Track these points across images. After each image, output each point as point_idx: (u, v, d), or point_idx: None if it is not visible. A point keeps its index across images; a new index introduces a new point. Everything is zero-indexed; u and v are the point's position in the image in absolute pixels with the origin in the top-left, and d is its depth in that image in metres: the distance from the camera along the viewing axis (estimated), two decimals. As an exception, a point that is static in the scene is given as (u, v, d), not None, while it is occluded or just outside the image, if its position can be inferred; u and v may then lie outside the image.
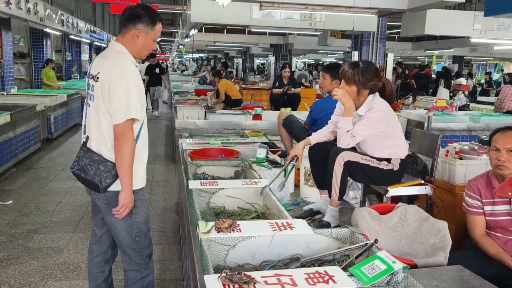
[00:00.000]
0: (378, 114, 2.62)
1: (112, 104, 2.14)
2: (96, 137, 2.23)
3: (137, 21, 2.23)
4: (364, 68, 2.66)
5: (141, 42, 2.26)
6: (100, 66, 2.22)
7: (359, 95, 2.69)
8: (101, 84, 2.17)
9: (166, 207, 4.86)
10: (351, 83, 2.66)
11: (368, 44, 9.77)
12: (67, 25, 11.71)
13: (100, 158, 2.19)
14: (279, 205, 2.49)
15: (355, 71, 2.65)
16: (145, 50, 2.31)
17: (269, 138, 4.90)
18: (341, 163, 2.56)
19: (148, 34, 2.26)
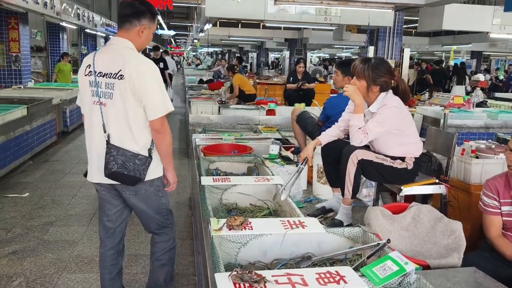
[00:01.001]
0: (390, 110, 2.59)
1: (150, 100, 2.24)
2: (119, 134, 2.29)
3: (142, 17, 2.31)
4: (376, 64, 2.63)
5: (145, 36, 2.36)
6: (117, 63, 2.24)
7: (368, 91, 2.66)
8: (130, 82, 2.22)
9: (179, 202, 4.88)
10: (361, 78, 2.64)
11: (384, 39, 9.65)
12: (83, 19, 11.80)
13: (132, 153, 2.28)
14: (291, 203, 2.48)
15: (366, 66, 2.62)
16: (146, 43, 2.42)
17: (282, 134, 4.88)
18: (355, 161, 2.53)
19: (151, 28, 2.37)
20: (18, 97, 7.02)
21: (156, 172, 2.44)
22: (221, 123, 6.74)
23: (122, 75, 2.22)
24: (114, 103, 2.27)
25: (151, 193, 2.47)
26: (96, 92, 2.31)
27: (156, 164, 2.42)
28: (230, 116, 6.90)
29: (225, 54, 30.24)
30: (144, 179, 2.35)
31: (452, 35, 14.30)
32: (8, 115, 5.44)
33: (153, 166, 2.38)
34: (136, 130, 2.29)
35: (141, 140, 2.32)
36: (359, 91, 2.67)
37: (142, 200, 2.46)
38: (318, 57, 28.37)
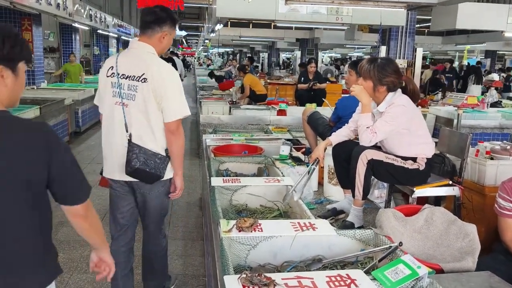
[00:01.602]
0: (398, 109, 2.56)
1: (169, 103, 2.36)
2: (140, 133, 2.40)
3: (163, 24, 2.44)
4: (382, 64, 2.61)
5: (166, 42, 2.48)
6: (140, 67, 2.37)
7: (375, 91, 2.63)
8: (152, 85, 2.34)
9: (190, 202, 4.88)
10: (367, 78, 2.62)
11: (396, 39, 9.55)
12: (95, 20, 11.88)
13: (152, 152, 2.40)
14: (302, 204, 2.46)
15: (371, 67, 2.61)
16: (166, 48, 2.54)
17: (293, 134, 4.86)
18: (364, 161, 2.50)
19: (171, 35, 2.49)
20: (31, 97, 7.09)
21: (168, 174, 2.52)
22: (231, 124, 6.73)
23: (145, 78, 2.34)
24: (136, 104, 2.38)
25: (162, 193, 2.56)
26: (119, 93, 2.41)
27: (170, 165, 2.52)
28: (241, 116, 6.89)
29: (236, 55, 30.27)
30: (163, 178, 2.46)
31: (465, 34, 14.11)
32: (21, 115, 5.50)
33: (169, 166, 2.50)
34: (157, 131, 2.41)
35: (161, 141, 2.44)
36: (366, 91, 2.65)
37: (153, 198, 2.54)
38: (330, 57, 28.24)
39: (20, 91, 1.46)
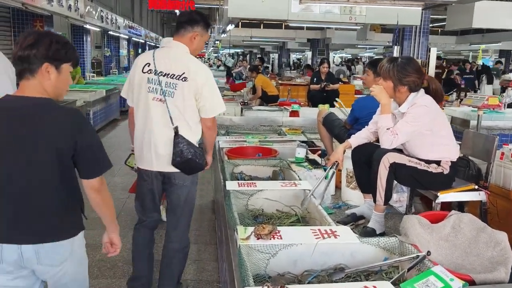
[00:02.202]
0: (421, 109, 2.46)
1: (208, 101, 2.54)
2: (181, 128, 2.54)
3: (195, 25, 2.57)
4: (402, 63, 2.51)
5: (197, 43, 2.59)
6: (180, 67, 2.50)
7: (395, 91, 2.54)
8: (192, 84, 2.50)
9: (202, 205, 4.80)
10: (387, 78, 2.53)
11: (410, 38, 9.40)
12: (106, 21, 11.89)
13: (195, 145, 2.58)
14: (321, 210, 2.36)
15: (391, 66, 2.51)
16: (197, 50, 2.64)
17: (307, 136, 4.76)
18: (386, 165, 2.40)
19: (203, 37, 2.61)
20: (42, 99, 7.05)
21: None
22: (243, 125, 6.65)
23: (186, 77, 2.49)
24: (175, 101, 2.52)
25: (195, 183, 2.75)
26: (155, 89, 2.54)
27: None
28: (253, 117, 6.80)
29: (246, 55, 30.21)
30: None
31: (480, 34, 13.89)
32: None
33: None
34: (192, 125, 2.57)
35: (196, 135, 2.62)
36: (386, 91, 2.55)
37: (188, 189, 2.71)
38: (341, 57, 28.06)
39: (63, 87, 1.78)
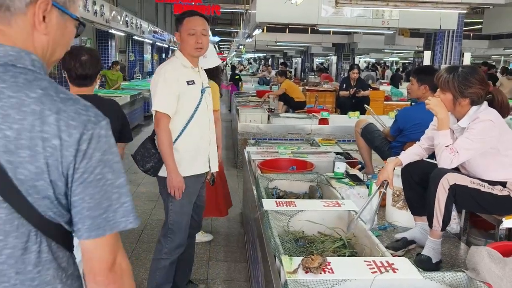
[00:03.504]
0: (484, 124, 2.19)
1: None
2: None
3: (176, 28, 2.54)
4: (465, 73, 2.25)
5: (181, 40, 2.49)
6: None
7: (455, 104, 2.27)
8: None
9: (230, 218, 4.58)
10: (446, 90, 2.27)
11: (442, 43, 9.05)
12: (131, 26, 11.86)
13: (149, 146, 2.54)
14: (372, 236, 2.12)
15: (451, 76, 2.25)
16: (188, 46, 2.46)
17: (342, 146, 4.51)
18: (446, 187, 2.14)
19: (182, 32, 2.48)
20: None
21: None
22: (271, 132, 6.46)
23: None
24: None
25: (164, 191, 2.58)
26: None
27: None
28: (281, 125, 6.61)
29: (268, 60, 30.04)
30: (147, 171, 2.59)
31: (515, 37, 13.37)
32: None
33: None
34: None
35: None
36: (443, 104, 2.30)
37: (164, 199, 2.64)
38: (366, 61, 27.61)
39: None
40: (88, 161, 0.85)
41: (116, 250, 0.92)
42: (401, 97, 10.57)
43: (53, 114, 0.83)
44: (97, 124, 0.86)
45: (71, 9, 0.97)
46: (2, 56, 0.85)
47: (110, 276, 0.91)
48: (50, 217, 0.86)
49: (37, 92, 0.84)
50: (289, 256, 1.86)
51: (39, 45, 0.91)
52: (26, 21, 0.88)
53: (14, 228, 0.84)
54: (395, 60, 29.17)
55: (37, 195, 0.84)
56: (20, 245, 0.84)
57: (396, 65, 28.42)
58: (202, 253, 3.70)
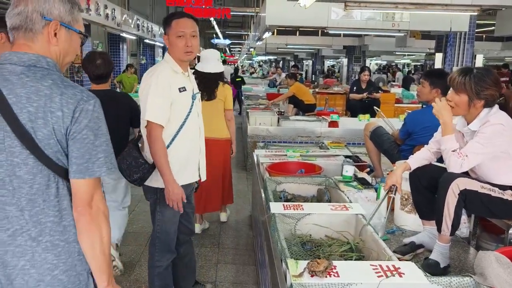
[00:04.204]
0: (495, 128, 2.17)
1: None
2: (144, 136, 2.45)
3: (164, 30, 2.45)
4: (480, 74, 2.23)
5: (169, 44, 2.40)
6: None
7: (470, 106, 2.25)
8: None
9: (239, 220, 4.60)
10: (461, 92, 2.23)
11: (454, 45, 8.98)
12: (142, 30, 11.97)
13: (136, 155, 2.40)
14: (379, 240, 2.12)
15: (467, 78, 2.22)
16: (177, 49, 2.37)
17: (351, 149, 4.49)
18: (456, 192, 2.13)
19: (170, 35, 2.38)
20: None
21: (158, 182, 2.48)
22: (280, 135, 6.45)
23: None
24: None
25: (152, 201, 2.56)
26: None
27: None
28: (290, 128, 6.60)
29: (279, 62, 30.03)
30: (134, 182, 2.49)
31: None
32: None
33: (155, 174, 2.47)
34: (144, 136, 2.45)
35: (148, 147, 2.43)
36: (449, 108, 2.27)
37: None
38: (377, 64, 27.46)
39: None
40: (78, 125, 1.26)
41: (93, 191, 1.31)
42: (412, 100, 10.50)
43: (58, 95, 1.26)
44: (87, 102, 1.28)
45: (75, 26, 1.38)
46: (27, 60, 1.29)
47: (87, 209, 1.30)
48: (60, 164, 1.28)
49: (48, 82, 1.27)
50: (295, 259, 1.86)
51: (53, 53, 1.35)
52: (43, 38, 1.32)
53: (39, 171, 1.27)
54: (406, 63, 28.94)
55: (51, 149, 1.26)
56: (44, 182, 1.28)
57: (408, 67, 28.23)
58: (211, 256, 3.71)
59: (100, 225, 1.31)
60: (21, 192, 1.26)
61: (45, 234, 1.28)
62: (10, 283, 1.28)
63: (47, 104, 1.24)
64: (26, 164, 1.25)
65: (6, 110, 1.23)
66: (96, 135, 1.28)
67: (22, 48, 1.31)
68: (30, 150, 1.24)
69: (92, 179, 1.29)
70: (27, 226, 1.27)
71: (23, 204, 1.26)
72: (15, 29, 1.31)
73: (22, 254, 1.28)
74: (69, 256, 1.32)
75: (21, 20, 1.29)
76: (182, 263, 2.74)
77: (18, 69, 1.27)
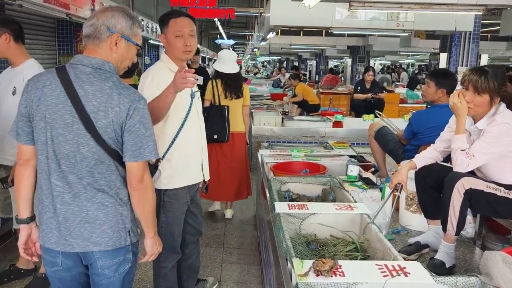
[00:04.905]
0: (501, 127, 2.16)
1: None
2: None
3: (161, 30, 2.43)
4: (494, 72, 2.20)
5: (167, 44, 2.38)
6: None
7: (491, 105, 2.23)
8: None
9: (243, 220, 4.61)
10: (484, 92, 2.18)
11: (459, 45, 8.94)
12: (147, 30, 11.98)
13: None
14: (384, 240, 2.11)
15: (488, 77, 2.17)
16: (176, 49, 2.35)
17: (355, 150, 4.48)
18: (461, 191, 2.12)
19: (167, 34, 2.36)
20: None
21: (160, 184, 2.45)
22: (285, 135, 6.45)
23: None
24: None
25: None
26: None
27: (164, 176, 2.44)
28: (295, 128, 6.59)
29: (282, 63, 30.03)
30: None
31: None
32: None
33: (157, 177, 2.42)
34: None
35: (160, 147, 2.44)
36: (480, 107, 2.22)
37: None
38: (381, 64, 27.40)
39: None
40: (131, 120, 1.61)
41: (143, 171, 1.68)
42: (416, 100, 10.47)
43: (116, 94, 1.60)
44: (139, 102, 1.63)
45: (133, 39, 1.74)
46: (95, 63, 1.65)
47: (140, 185, 1.68)
48: (114, 148, 1.64)
49: (110, 83, 1.62)
50: (301, 259, 1.86)
51: (113, 58, 1.70)
52: (107, 45, 1.68)
53: (97, 151, 1.62)
54: (411, 63, 28.86)
55: (107, 136, 1.62)
56: (99, 159, 1.64)
57: (412, 67, 28.15)
58: (215, 255, 3.72)
59: (149, 196, 1.72)
60: (82, 164, 1.63)
61: (97, 197, 1.66)
62: (69, 233, 1.66)
63: (108, 101, 1.59)
64: (88, 144, 1.61)
65: (76, 101, 1.59)
66: (146, 128, 1.64)
67: (91, 52, 1.67)
68: (91, 134, 1.60)
69: (143, 162, 1.66)
70: (84, 190, 1.64)
71: (83, 174, 1.63)
72: (87, 36, 1.68)
73: (79, 212, 1.65)
74: (114, 216, 1.68)
75: (92, 30, 1.66)
76: (185, 264, 2.72)
77: (88, 70, 1.63)
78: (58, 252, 1.70)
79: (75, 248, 1.67)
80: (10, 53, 2.85)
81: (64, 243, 1.67)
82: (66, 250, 1.68)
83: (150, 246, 1.83)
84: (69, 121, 1.60)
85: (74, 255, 1.70)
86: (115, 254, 1.71)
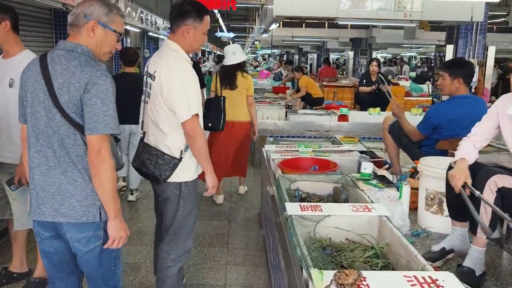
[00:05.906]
0: None
1: (175, 103, 2.23)
2: (153, 132, 2.36)
3: (185, 17, 2.30)
4: None
5: (191, 36, 2.32)
6: (156, 65, 2.31)
7: None
8: (158, 83, 2.26)
9: (248, 218, 4.43)
10: None
11: (465, 37, 8.72)
12: (146, 23, 11.74)
13: (158, 152, 2.31)
14: (409, 246, 1.92)
15: None
16: (195, 43, 2.36)
17: (365, 144, 4.29)
18: (493, 189, 1.94)
19: (197, 28, 2.32)
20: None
21: (182, 176, 2.36)
22: (288, 129, 6.26)
23: (154, 76, 2.29)
24: (150, 103, 2.36)
25: (173, 197, 2.39)
26: (144, 91, 2.43)
27: (184, 167, 2.35)
28: (299, 122, 6.41)
29: (283, 56, 29.75)
30: (166, 180, 2.32)
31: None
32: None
33: (180, 169, 2.33)
34: (167, 131, 2.31)
35: (172, 141, 2.31)
36: None
37: (162, 202, 2.44)
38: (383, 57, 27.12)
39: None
40: (89, 94, 1.70)
41: (100, 144, 1.72)
42: (421, 93, 10.26)
43: (79, 71, 1.71)
44: (99, 78, 1.71)
45: (111, 25, 1.85)
46: (68, 46, 1.79)
47: (96, 157, 1.72)
48: (77, 121, 1.73)
49: (75, 62, 1.74)
50: (319, 269, 1.67)
51: (91, 43, 1.83)
52: (85, 32, 1.81)
53: (63, 124, 1.74)
54: (412, 56, 28.61)
55: (70, 110, 1.72)
56: (66, 133, 1.75)
57: (414, 60, 27.89)
58: (220, 257, 3.54)
59: (106, 170, 1.72)
60: (53, 139, 1.75)
61: (69, 171, 1.76)
62: (44, 203, 1.79)
63: (71, 78, 1.71)
64: (55, 119, 1.74)
65: (47, 79, 1.73)
66: (103, 103, 1.70)
67: (71, 38, 1.82)
68: (58, 109, 1.72)
69: (99, 135, 1.71)
70: (58, 164, 1.76)
71: (55, 147, 1.75)
72: (69, 25, 1.82)
73: (53, 184, 1.77)
74: (83, 191, 1.77)
75: (73, 18, 1.81)
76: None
77: (62, 53, 1.77)
78: (36, 222, 1.84)
79: (47, 217, 1.79)
80: (6, 41, 2.69)
81: (39, 212, 1.80)
82: (39, 218, 1.81)
83: (113, 229, 1.81)
84: (42, 98, 1.75)
85: (48, 225, 1.81)
86: (83, 228, 1.79)
